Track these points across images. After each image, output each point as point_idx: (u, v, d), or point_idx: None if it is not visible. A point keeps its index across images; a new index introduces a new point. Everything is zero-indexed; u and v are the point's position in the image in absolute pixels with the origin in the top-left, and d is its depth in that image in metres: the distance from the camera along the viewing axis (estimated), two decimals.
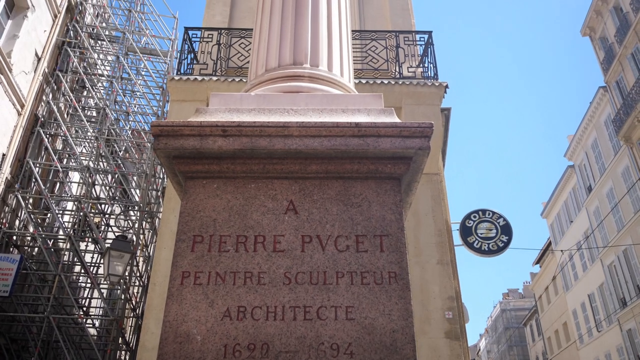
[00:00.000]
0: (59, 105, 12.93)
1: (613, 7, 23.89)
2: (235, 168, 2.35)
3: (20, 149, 11.83)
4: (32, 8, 12.14)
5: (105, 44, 14.45)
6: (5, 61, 10.89)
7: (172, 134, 2.31)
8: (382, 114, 2.50)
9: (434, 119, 8.26)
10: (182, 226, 2.26)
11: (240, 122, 2.31)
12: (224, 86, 8.05)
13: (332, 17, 3.15)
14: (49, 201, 11.50)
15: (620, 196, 22.49)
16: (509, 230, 8.38)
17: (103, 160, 12.91)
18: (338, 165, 2.35)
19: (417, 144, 2.31)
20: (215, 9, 10.06)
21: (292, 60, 2.89)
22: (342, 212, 2.29)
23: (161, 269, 7.20)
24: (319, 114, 2.46)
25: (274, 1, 3.23)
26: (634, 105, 20.58)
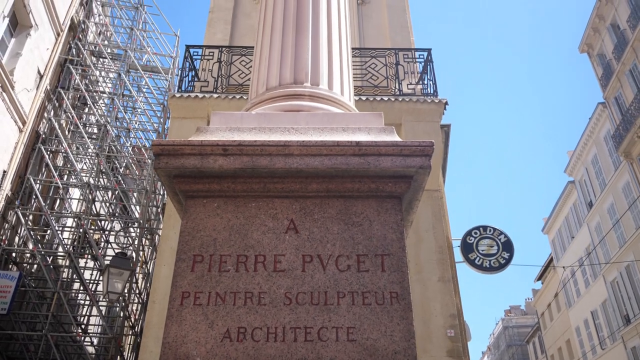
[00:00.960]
0: (60, 122, 12.99)
1: (610, 24, 24.13)
2: (236, 187, 2.34)
3: (21, 165, 11.84)
4: (35, 26, 12.26)
5: (107, 62, 14.57)
6: (7, 79, 10.96)
7: (173, 153, 2.31)
8: (382, 133, 2.51)
9: (433, 135, 8.29)
10: (182, 245, 2.24)
11: (241, 141, 2.32)
12: (224, 103, 8.09)
13: (333, 36, 3.18)
14: (49, 218, 11.48)
15: (622, 212, 22.44)
16: (510, 247, 8.34)
17: (103, 176, 12.92)
18: (339, 184, 2.35)
19: (418, 162, 2.31)
20: (217, 27, 10.16)
21: (292, 79, 2.90)
22: (343, 231, 2.28)
23: (161, 286, 7.15)
24: (319, 133, 2.46)
25: (274, 20, 3.26)
26: (633, 121, 20.65)
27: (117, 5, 15.58)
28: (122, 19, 15.57)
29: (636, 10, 21.28)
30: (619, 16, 23.16)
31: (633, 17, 21.42)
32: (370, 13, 11.05)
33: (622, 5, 22.81)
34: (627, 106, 21.55)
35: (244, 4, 10.81)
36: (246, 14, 10.59)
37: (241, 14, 10.59)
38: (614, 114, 23.26)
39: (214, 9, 10.52)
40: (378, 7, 11.07)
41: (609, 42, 24.03)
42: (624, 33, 22.47)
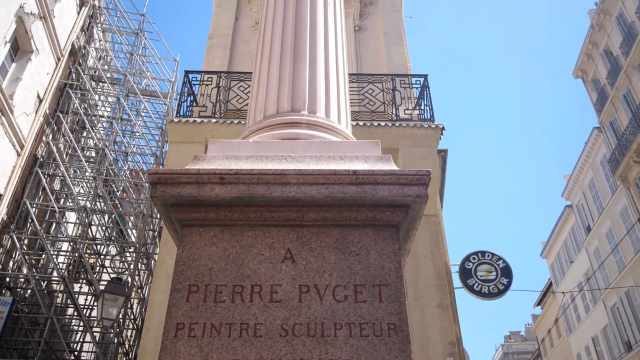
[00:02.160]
0: (58, 145, 13.01)
1: (603, 51, 24.53)
2: (233, 216, 2.33)
3: (18, 189, 11.81)
4: (36, 51, 12.39)
5: (107, 86, 14.68)
6: (7, 103, 11.02)
7: (170, 182, 2.30)
8: (379, 161, 2.51)
9: (430, 160, 8.31)
10: (178, 275, 2.22)
11: (238, 170, 2.31)
12: (222, 128, 8.13)
13: (330, 64, 3.21)
14: (44, 242, 11.39)
15: (620, 236, 22.39)
16: (509, 273, 8.28)
17: (100, 200, 12.88)
18: (336, 212, 2.34)
19: (415, 191, 2.31)
20: (215, 53, 10.28)
21: (290, 107, 2.92)
22: (340, 261, 2.26)
23: (156, 312, 7.05)
24: (316, 161, 2.46)
25: (272, 48, 3.29)
26: (628, 145, 20.80)
27: (118, 31, 15.79)
28: (122, 44, 15.77)
29: (628, 37, 21.67)
30: (612, 43, 23.57)
31: (625, 44, 21.79)
32: (367, 39, 11.21)
33: (615, 32, 23.23)
34: (622, 131, 21.74)
35: (243, 31, 10.97)
36: (245, 40, 10.74)
37: (240, 41, 10.74)
38: (610, 138, 23.45)
39: (213, 36, 10.66)
40: (375, 34, 11.24)
41: (603, 68, 24.39)
42: (617, 59, 22.83)
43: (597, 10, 24.31)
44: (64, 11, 13.95)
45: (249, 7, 11.47)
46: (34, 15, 12.20)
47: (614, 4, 23.12)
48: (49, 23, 12.86)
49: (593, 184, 26.03)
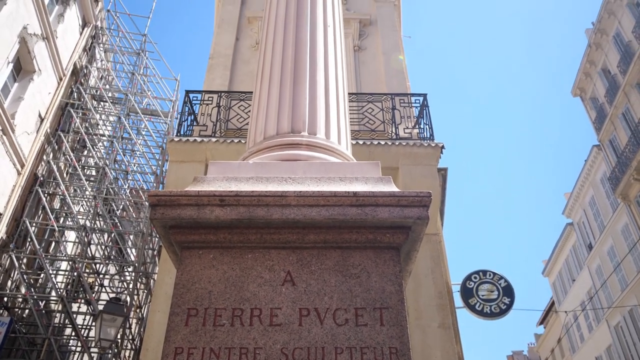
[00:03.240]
0: (58, 164, 13.04)
1: (601, 69, 24.73)
2: (232, 238, 2.32)
3: (18, 208, 11.79)
4: (38, 71, 12.50)
5: (108, 105, 14.77)
6: (8, 122, 11.07)
7: (170, 204, 2.29)
8: (379, 183, 2.51)
9: (431, 179, 8.31)
10: (177, 299, 2.20)
11: (238, 192, 2.31)
12: (222, 147, 8.15)
13: (330, 85, 3.23)
14: (43, 261, 11.33)
15: (622, 254, 22.28)
16: (511, 292, 8.21)
17: (100, 219, 12.85)
18: (336, 234, 2.33)
19: (416, 213, 2.30)
20: (216, 72, 10.36)
21: (290, 128, 2.93)
22: (341, 284, 2.24)
23: (154, 333, 6.97)
24: (316, 183, 2.46)
25: (272, 69, 3.32)
26: (628, 163, 20.83)
27: (120, 51, 15.94)
28: (123, 64, 15.91)
29: (625, 56, 21.87)
30: (609, 61, 23.77)
31: (623, 62, 21.98)
32: (367, 59, 11.31)
33: (612, 51, 23.46)
34: (622, 148, 21.79)
35: (243, 51, 11.07)
36: (245, 60, 10.83)
37: (240, 61, 10.83)
38: (609, 156, 23.49)
39: (214, 56, 10.76)
40: (374, 53, 11.35)
41: (601, 86, 24.55)
42: (615, 77, 23.00)
43: (594, 29, 24.59)
44: (66, 32, 14.11)
45: (249, 28, 11.60)
46: (36, 36, 12.33)
47: (611, 24, 23.39)
48: (52, 43, 13.00)
49: (594, 202, 25.99)
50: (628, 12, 22.16)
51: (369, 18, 11.83)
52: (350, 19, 11.48)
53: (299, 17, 3.49)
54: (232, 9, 11.83)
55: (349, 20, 11.33)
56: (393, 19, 12.07)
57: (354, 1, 12.33)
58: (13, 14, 11.35)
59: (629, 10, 22.15)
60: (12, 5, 11.26)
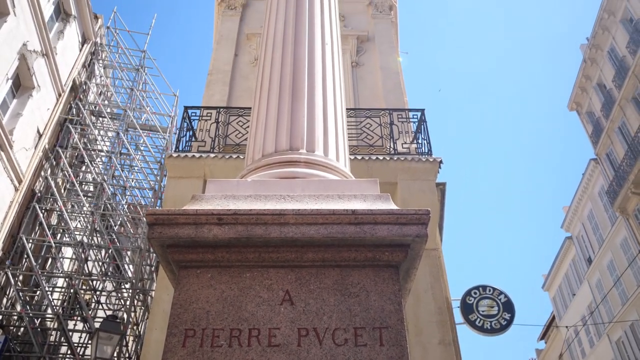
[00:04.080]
0: (56, 180, 13.01)
1: (597, 84, 24.93)
2: (231, 257, 2.30)
3: (14, 224, 11.73)
4: (37, 88, 12.54)
5: (107, 121, 14.80)
6: (7, 138, 11.07)
7: (167, 223, 2.28)
8: (378, 200, 2.50)
9: (429, 194, 8.31)
10: (174, 319, 2.17)
11: (236, 210, 2.30)
12: (221, 163, 8.15)
13: (328, 102, 3.24)
14: (39, 278, 11.23)
15: (621, 268, 22.21)
16: (511, 308, 8.16)
17: (97, 235, 12.78)
18: (335, 253, 2.31)
19: (415, 231, 2.29)
20: (215, 88, 10.41)
21: (288, 145, 2.93)
22: (340, 303, 2.22)
23: (151, 351, 6.89)
24: (315, 201, 2.45)
25: (271, 86, 3.33)
26: (625, 176, 20.88)
27: (119, 67, 16.03)
28: (122, 79, 15.98)
29: (620, 71, 22.07)
30: (604, 76, 23.98)
31: (618, 77, 22.18)
32: (365, 75, 11.39)
33: (607, 66, 23.67)
34: (619, 162, 21.86)
35: (242, 67, 11.15)
36: (244, 76, 10.90)
37: (239, 76, 10.89)
38: (607, 170, 23.55)
39: (213, 72, 10.83)
40: (372, 69, 11.43)
41: (597, 101, 24.72)
42: (610, 92, 23.18)
43: (588, 45, 24.85)
44: (66, 48, 14.20)
45: (248, 44, 11.69)
46: (36, 53, 12.40)
47: (605, 39, 23.64)
48: (51, 60, 13.07)
49: (592, 216, 25.99)
50: (622, 27, 22.42)
51: (366, 34, 11.94)
52: (348, 36, 11.59)
53: (297, 35, 3.52)
54: (231, 25, 11.94)
55: (346, 37, 11.43)
56: (390, 36, 12.19)
57: (351, 18, 12.46)
58: (13, 31, 11.43)
59: (622, 26, 22.42)
60: (12, 22, 11.35)
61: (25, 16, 11.92)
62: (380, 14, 12.59)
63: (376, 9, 12.64)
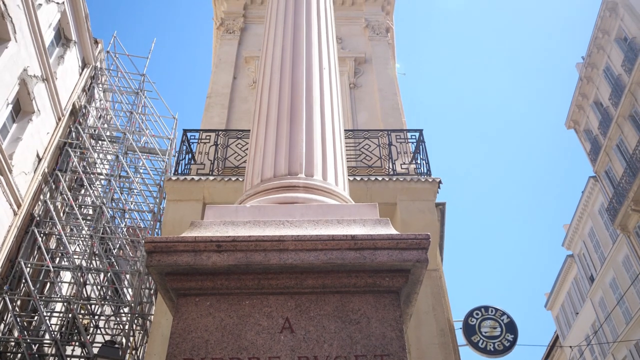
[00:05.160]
0: (55, 204, 12.98)
1: (593, 102, 25.12)
2: (230, 284, 2.28)
3: (13, 248, 11.67)
4: (37, 112, 12.61)
5: (106, 144, 14.85)
6: (6, 163, 11.09)
7: (166, 250, 2.27)
8: (377, 225, 2.49)
9: (429, 214, 8.28)
10: (172, 349, 2.14)
11: (235, 237, 2.29)
12: (220, 186, 8.15)
13: (326, 126, 3.25)
14: (37, 303, 11.12)
15: (624, 286, 22.04)
16: (514, 329, 8.06)
17: (96, 258, 12.71)
18: (335, 279, 2.29)
19: (415, 256, 2.28)
20: (214, 111, 10.47)
21: (287, 170, 2.93)
22: (340, 330, 2.19)
23: None
24: (314, 226, 2.45)
25: (269, 111, 3.35)
26: (625, 194, 20.88)
27: (119, 91, 16.15)
28: (122, 103, 16.09)
29: (616, 89, 22.26)
30: (601, 94, 24.19)
31: (614, 95, 22.36)
32: (363, 96, 11.48)
33: (603, 84, 23.89)
34: (618, 180, 21.89)
35: (241, 89, 11.23)
36: (242, 98, 10.97)
37: (238, 99, 10.97)
38: (606, 187, 23.57)
39: (212, 94, 10.90)
40: (370, 90, 11.52)
41: (594, 119, 24.88)
42: (607, 110, 23.34)
43: (584, 63, 25.12)
44: (66, 73, 14.33)
45: (246, 67, 11.80)
46: (36, 78, 12.51)
47: (600, 58, 23.91)
48: (51, 84, 13.18)
49: (593, 233, 25.90)
50: (616, 46, 22.70)
51: (363, 56, 12.07)
52: (345, 57, 11.71)
53: (295, 60, 3.55)
54: (229, 49, 12.07)
55: (344, 59, 11.55)
56: (387, 57, 12.32)
57: (349, 40, 12.62)
58: (14, 57, 11.55)
59: (617, 45, 22.70)
60: (13, 48, 11.48)
61: (26, 42, 12.06)
62: (377, 36, 12.74)
63: (373, 31, 12.81)
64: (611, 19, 22.86)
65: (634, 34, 21.43)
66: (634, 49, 21.09)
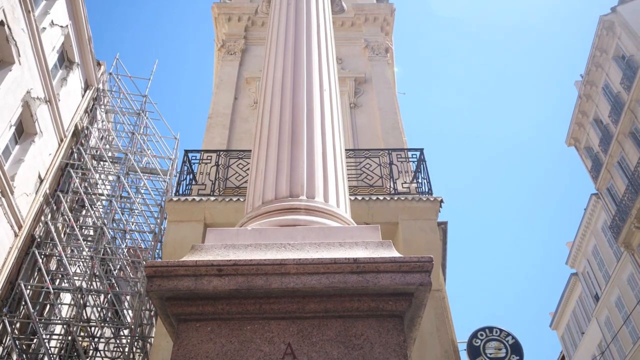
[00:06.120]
0: (56, 224, 12.95)
1: (593, 119, 25.20)
2: (231, 309, 2.25)
3: (13, 270, 11.60)
4: (40, 134, 12.68)
5: (108, 165, 14.88)
6: (8, 184, 11.10)
7: (167, 275, 2.24)
8: (380, 247, 2.47)
9: (431, 233, 8.23)
10: None
11: (237, 261, 2.27)
12: (221, 206, 8.13)
13: (327, 148, 3.25)
14: (37, 326, 11.01)
15: (629, 304, 21.79)
16: (519, 350, 7.94)
17: (96, 279, 12.62)
18: (337, 303, 2.26)
19: (418, 279, 2.25)
20: (215, 132, 10.51)
21: (288, 192, 2.92)
22: (344, 356, 2.15)
23: None
24: (316, 249, 2.42)
25: (270, 133, 3.35)
26: (628, 211, 20.79)
27: (120, 112, 16.26)
28: (124, 124, 16.17)
29: (616, 106, 22.36)
30: (601, 112, 24.28)
31: (614, 113, 22.44)
32: (363, 115, 11.53)
33: (602, 102, 24.00)
34: (621, 197, 21.82)
35: (242, 110, 11.30)
36: (244, 118, 11.03)
37: (239, 119, 11.02)
38: (609, 204, 23.48)
39: (213, 115, 10.96)
40: (370, 110, 11.58)
41: (594, 136, 24.93)
42: (607, 127, 23.40)
43: (583, 81, 25.27)
44: (69, 94, 14.45)
45: (247, 88, 11.89)
46: (39, 100, 12.60)
47: (599, 76, 24.07)
48: (54, 106, 13.27)
49: (597, 251, 25.72)
50: (614, 64, 22.87)
51: (363, 76, 12.17)
52: (345, 78, 11.81)
53: (296, 82, 3.57)
54: (230, 70, 12.18)
55: (344, 79, 11.64)
56: (387, 77, 12.41)
57: (349, 60, 12.73)
58: (18, 79, 11.66)
59: (615, 63, 22.87)
60: (17, 71, 11.59)
61: (30, 65, 12.19)
62: (377, 56, 12.87)
63: (372, 51, 12.93)
64: (608, 38, 23.08)
65: (631, 52, 21.61)
66: (632, 67, 21.24)
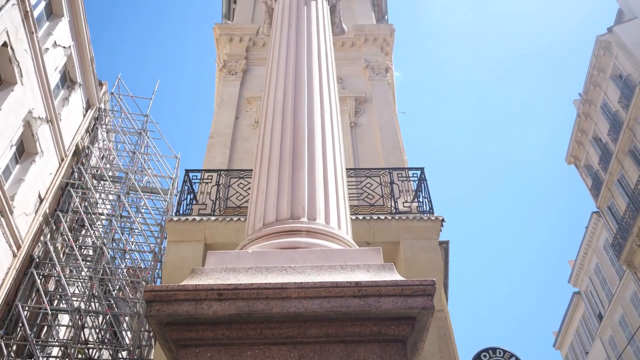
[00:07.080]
0: (55, 245, 12.88)
1: (593, 138, 25.28)
2: (231, 334, 2.22)
3: (11, 291, 11.49)
4: (40, 153, 12.70)
5: (108, 184, 14.87)
6: (7, 204, 11.07)
7: (166, 299, 2.21)
8: (382, 270, 2.44)
9: (432, 253, 8.18)
10: None
11: (237, 285, 2.24)
12: (221, 226, 8.09)
13: (328, 170, 3.25)
14: (34, 348, 10.87)
15: (633, 323, 21.56)
16: None
17: (95, 300, 12.50)
18: (339, 327, 2.23)
19: (420, 303, 2.22)
20: (216, 151, 10.53)
21: (289, 214, 2.90)
22: None
23: None
24: (317, 272, 2.40)
25: (271, 155, 3.35)
26: (629, 229, 20.71)
27: (122, 131, 16.31)
28: (125, 143, 16.21)
29: (614, 125, 22.45)
30: (599, 130, 24.38)
31: (613, 131, 22.53)
32: (363, 135, 11.56)
33: (601, 120, 24.12)
34: (622, 215, 21.76)
35: (243, 129, 11.33)
36: (245, 138, 11.05)
37: (240, 139, 11.04)
38: (610, 222, 23.40)
39: (214, 135, 10.99)
40: (371, 130, 11.62)
41: (594, 154, 24.98)
42: (607, 145, 23.46)
43: (581, 100, 25.44)
44: (70, 114, 14.52)
45: (248, 107, 11.95)
46: (41, 119, 12.66)
47: (597, 95, 24.24)
48: (55, 126, 13.32)
49: (599, 270, 25.55)
50: (612, 83, 23.05)
51: (364, 96, 12.23)
52: (346, 97, 11.87)
53: (297, 103, 3.59)
54: (231, 90, 12.26)
55: (345, 99, 11.70)
56: (387, 96, 12.48)
57: (349, 80, 12.82)
58: (19, 99, 11.73)
59: (613, 82, 23.05)
60: (19, 91, 11.66)
61: (32, 85, 12.27)
62: (377, 76, 12.96)
63: (372, 71, 13.03)
64: (605, 57, 23.31)
65: (628, 71, 21.79)
66: (630, 86, 21.40)
